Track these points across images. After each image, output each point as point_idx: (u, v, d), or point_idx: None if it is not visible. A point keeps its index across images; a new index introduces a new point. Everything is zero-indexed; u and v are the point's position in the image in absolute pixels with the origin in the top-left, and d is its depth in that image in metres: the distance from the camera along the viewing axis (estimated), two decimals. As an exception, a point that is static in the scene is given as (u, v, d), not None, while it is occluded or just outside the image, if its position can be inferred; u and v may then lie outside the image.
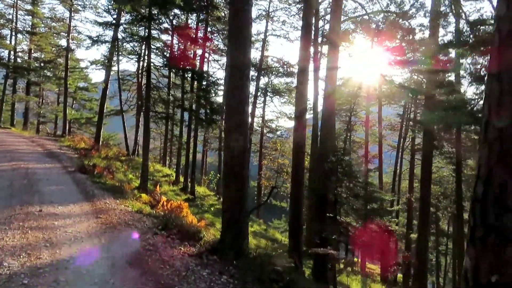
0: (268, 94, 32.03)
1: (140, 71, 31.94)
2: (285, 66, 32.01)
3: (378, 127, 30.20)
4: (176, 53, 21.08)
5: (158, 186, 11.93)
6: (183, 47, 22.13)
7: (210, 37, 25.50)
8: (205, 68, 27.58)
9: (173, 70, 20.65)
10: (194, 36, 23.28)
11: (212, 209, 25.01)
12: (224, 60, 31.87)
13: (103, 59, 26.00)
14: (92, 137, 33.93)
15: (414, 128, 30.55)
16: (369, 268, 22.10)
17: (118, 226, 6.76)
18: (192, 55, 22.92)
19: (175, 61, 20.47)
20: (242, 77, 6.36)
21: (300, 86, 12.66)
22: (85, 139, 25.66)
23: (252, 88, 32.14)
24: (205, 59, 27.21)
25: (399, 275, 21.10)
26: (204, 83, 20.23)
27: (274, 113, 34.62)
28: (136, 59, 32.47)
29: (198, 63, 24.42)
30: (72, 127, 39.51)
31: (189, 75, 19.82)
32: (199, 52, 27.05)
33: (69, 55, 30.67)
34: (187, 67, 19.92)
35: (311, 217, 12.48)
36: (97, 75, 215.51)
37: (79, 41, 33.31)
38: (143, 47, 30.52)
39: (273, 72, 32.00)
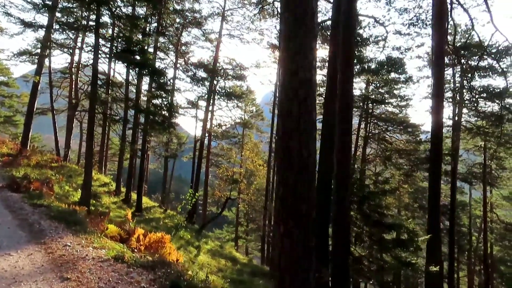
0: (221, 97, 29.76)
1: (74, 66, 28.12)
2: (237, 68, 30.00)
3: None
4: (126, 46, 18.07)
5: (129, 213, 9.21)
6: (133, 40, 19.15)
7: (163, 31, 22.72)
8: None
9: (127, 65, 17.63)
10: (144, 28, 20.47)
11: (161, 223, 22.21)
12: (172, 57, 29.11)
13: (32, 49, 21.99)
14: (14, 139, 29.25)
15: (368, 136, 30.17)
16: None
17: (105, 298, 4.25)
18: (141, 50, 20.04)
19: (127, 55, 17.58)
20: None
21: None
22: (7, 142, 21.44)
23: (203, 90, 29.72)
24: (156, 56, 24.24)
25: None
26: (161, 81, 17.52)
27: (222, 118, 32.16)
28: (70, 52, 28.57)
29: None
30: (-15, 127, 34.08)
31: (145, 71, 16.97)
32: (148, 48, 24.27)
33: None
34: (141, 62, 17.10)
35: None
36: (19, 69, 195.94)
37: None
38: (79, 39, 26.98)
39: (226, 75, 29.81)
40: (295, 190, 4.24)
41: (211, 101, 29.10)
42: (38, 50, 22.05)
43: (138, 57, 17.96)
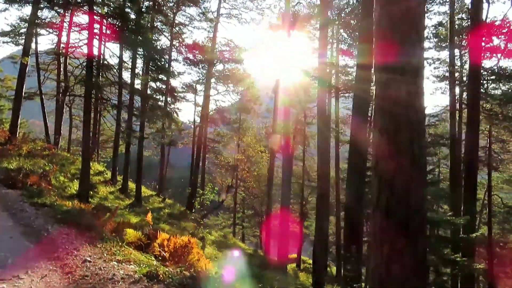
0: (219, 81, 28.52)
1: (62, 47, 26.42)
2: (236, 50, 28.67)
3: (336, 121, 28.43)
4: (122, 24, 16.64)
5: (149, 215, 8.15)
6: (129, 18, 17.71)
7: (161, 9, 21.25)
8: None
9: (122, 45, 16.28)
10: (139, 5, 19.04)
11: (162, 214, 21.21)
12: (166, 39, 27.62)
13: (16, 29, 20.40)
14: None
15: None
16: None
17: None
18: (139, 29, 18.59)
19: (123, 34, 16.23)
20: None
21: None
22: (-6, 129, 20.00)
23: (201, 73, 28.43)
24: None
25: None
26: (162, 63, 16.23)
27: (219, 102, 30.87)
28: (56, 33, 26.81)
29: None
30: (-34, 113, 32.17)
31: (144, 51, 15.66)
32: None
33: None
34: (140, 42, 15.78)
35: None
36: (1, 51, 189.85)
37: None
38: (66, 19, 25.25)
39: (223, 57, 28.52)
40: (405, 198, 3.25)
41: (209, 85, 27.90)
42: (23, 30, 20.52)
43: (133, 36, 16.63)
